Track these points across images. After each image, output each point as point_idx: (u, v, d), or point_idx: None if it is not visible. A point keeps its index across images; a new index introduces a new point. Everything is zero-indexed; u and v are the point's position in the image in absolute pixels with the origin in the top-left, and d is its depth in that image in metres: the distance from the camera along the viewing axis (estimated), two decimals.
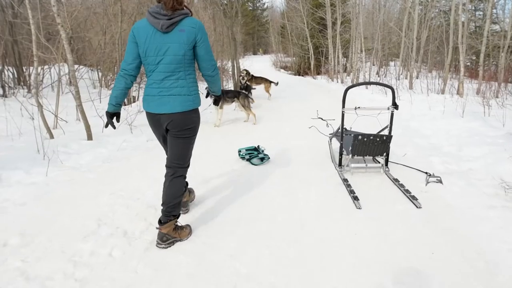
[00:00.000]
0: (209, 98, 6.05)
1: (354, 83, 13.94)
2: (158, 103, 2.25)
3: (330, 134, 4.52)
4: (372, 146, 3.43)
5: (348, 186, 3.26)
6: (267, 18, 44.03)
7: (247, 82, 9.36)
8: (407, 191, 3.12)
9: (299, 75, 21.19)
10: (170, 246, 2.35)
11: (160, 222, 2.37)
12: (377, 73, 17.07)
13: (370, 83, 3.66)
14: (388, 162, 3.70)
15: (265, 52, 44.87)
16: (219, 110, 6.34)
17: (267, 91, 9.82)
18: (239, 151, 4.18)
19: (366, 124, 4.49)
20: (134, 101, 8.76)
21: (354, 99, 8.82)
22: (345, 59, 17.57)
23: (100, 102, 8.56)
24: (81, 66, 10.76)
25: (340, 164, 3.69)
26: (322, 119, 6.77)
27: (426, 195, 3.11)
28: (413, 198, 2.97)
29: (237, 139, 5.16)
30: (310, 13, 18.85)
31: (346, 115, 3.64)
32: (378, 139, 3.38)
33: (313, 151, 4.54)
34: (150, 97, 2.29)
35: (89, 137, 5.33)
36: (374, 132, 4.14)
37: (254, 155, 4.07)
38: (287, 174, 3.71)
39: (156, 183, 3.44)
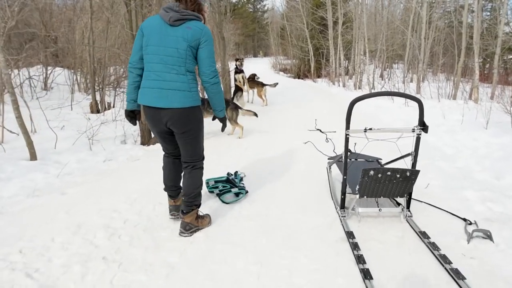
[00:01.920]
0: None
1: (360, 88, 12.89)
2: (158, 96, 2.18)
3: (329, 159, 3.46)
4: (389, 185, 2.38)
5: (354, 247, 2.20)
6: (267, 20, 43.08)
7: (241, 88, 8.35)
8: (445, 258, 2.06)
9: (298, 78, 20.12)
10: (192, 235, 2.43)
11: (182, 212, 2.42)
12: (381, 76, 16.04)
13: (386, 93, 2.56)
14: (411, 202, 2.63)
15: (265, 54, 43.95)
16: None
17: (260, 95, 8.77)
18: (207, 182, 3.13)
19: (378, 144, 3.43)
20: (108, 108, 7.72)
21: (356, 107, 7.74)
22: (346, 61, 16.52)
23: (72, 110, 7.54)
24: (57, 68, 9.76)
25: (342, 207, 2.63)
26: (321, 131, 5.74)
27: (474, 264, 2.05)
28: (457, 275, 1.90)
29: (214, 160, 4.10)
30: (310, 12, 17.86)
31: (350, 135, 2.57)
32: (398, 175, 2.32)
33: (308, 180, 3.48)
34: (148, 89, 2.22)
35: (32, 156, 4.29)
36: (388, 156, 3.09)
37: (226, 189, 3.02)
38: (267, 223, 2.62)
39: (78, 237, 2.40)
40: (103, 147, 4.90)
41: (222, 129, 2.66)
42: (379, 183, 2.36)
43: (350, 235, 2.34)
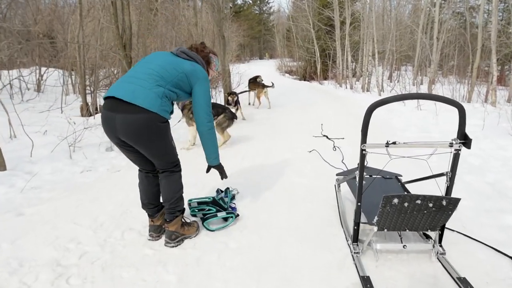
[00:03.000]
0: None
1: (368, 91, 12.27)
2: (120, 86, 1.93)
3: (338, 174, 2.89)
4: (417, 216, 1.82)
5: None
6: (273, 22, 42.67)
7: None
8: None
9: (304, 80, 19.56)
10: (179, 244, 2.23)
11: (166, 221, 2.22)
12: (389, 77, 15.43)
13: (417, 96, 1.98)
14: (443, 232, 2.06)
15: (271, 56, 43.50)
16: (191, 128, 4.78)
17: (258, 97, 8.32)
18: (189, 203, 2.59)
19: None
20: (100, 111, 7.25)
21: (363, 111, 7.17)
22: (354, 62, 15.91)
23: (62, 112, 7.08)
24: (50, 69, 9.35)
25: (355, 240, 2.07)
26: (327, 137, 5.18)
27: None
28: None
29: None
30: (316, 12, 17.31)
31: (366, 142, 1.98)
32: (431, 205, 1.76)
33: (312, 199, 2.91)
34: (117, 83, 2.00)
35: (1, 165, 3.80)
36: (411, 173, 2.53)
37: (212, 213, 2.48)
38: (260, 259, 2.07)
39: (14, 280, 1.86)
40: (85, 155, 4.40)
41: (222, 177, 2.42)
42: (405, 213, 1.80)
43: (366, 282, 1.77)
